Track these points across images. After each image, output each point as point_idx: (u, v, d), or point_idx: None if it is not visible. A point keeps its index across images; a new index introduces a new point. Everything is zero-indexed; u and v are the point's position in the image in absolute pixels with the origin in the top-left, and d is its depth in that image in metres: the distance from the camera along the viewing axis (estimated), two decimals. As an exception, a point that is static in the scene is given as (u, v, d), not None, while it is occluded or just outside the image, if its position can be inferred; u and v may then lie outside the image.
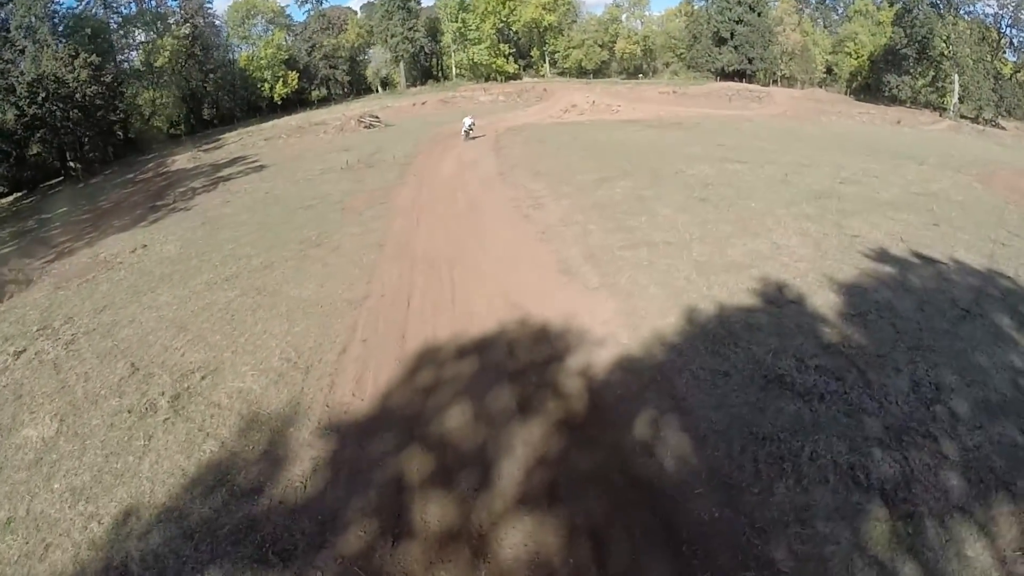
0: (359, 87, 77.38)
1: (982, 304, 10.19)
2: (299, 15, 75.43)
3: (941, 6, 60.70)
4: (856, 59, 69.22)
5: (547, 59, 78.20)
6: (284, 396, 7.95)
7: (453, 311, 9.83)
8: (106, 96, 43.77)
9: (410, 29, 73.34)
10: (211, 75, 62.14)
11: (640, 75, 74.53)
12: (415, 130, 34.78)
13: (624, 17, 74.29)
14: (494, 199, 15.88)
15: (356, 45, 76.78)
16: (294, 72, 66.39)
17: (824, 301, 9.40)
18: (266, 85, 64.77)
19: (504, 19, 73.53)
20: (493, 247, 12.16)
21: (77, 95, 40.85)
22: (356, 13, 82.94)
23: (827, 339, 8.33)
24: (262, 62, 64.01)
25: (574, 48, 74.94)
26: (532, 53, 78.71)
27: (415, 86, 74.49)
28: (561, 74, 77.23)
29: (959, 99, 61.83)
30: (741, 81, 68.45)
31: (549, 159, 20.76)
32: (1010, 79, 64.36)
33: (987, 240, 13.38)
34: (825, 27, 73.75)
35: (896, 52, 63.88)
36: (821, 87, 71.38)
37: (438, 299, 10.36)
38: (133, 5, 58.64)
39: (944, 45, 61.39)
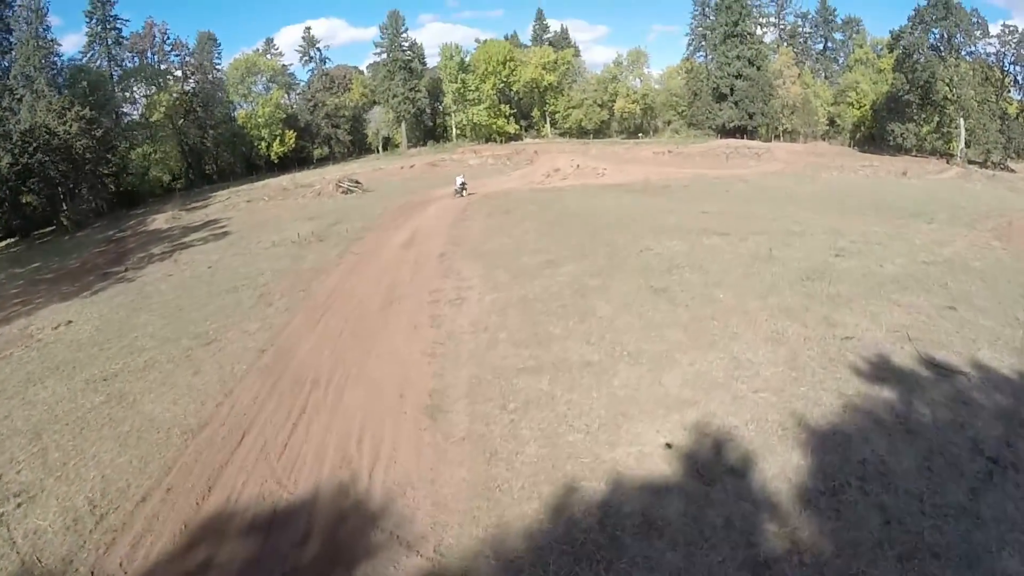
0: (361, 147, 77.88)
1: (1016, 445, 7.40)
2: (303, 74, 77.18)
3: (942, 49, 59.13)
4: (858, 109, 67.58)
5: (548, 119, 78.03)
6: (64, 549, 6.80)
7: (279, 459, 7.52)
8: (97, 149, 43.66)
9: (411, 90, 73.97)
10: (211, 131, 62.63)
11: (640, 134, 73.35)
12: (391, 196, 33.29)
13: (623, 75, 73.84)
14: (417, 289, 13.60)
15: (360, 104, 77.70)
16: (292, 131, 66.64)
17: (781, 468, 6.66)
18: (263, 143, 65.02)
19: (504, 79, 73.94)
20: (375, 364, 9.78)
21: (68, 147, 40.82)
22: (362, 72, 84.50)
23: (769, 548, 5.57)
24: (260, 120, 64.42)
25: (574, 108, 74.64)
26: (533, 113, 78.73)
27: (416, 146, 74.61)
28: (562, 134, 76.82)
29: (966, 143, 59.45)
30: (743, 137, 67.04)
31: (503, 235, 18.58)
32: (1016, 119, 61.90)
33: (1016, 325, 10.58)
34: (826, 78, 72.64)
35: (898, 99, 62.04)
36: (824, 140, 69.57)
37: (272, 438, 8.09)
38: (137, 58, 60.23)
39: (947, 88, 59.49)
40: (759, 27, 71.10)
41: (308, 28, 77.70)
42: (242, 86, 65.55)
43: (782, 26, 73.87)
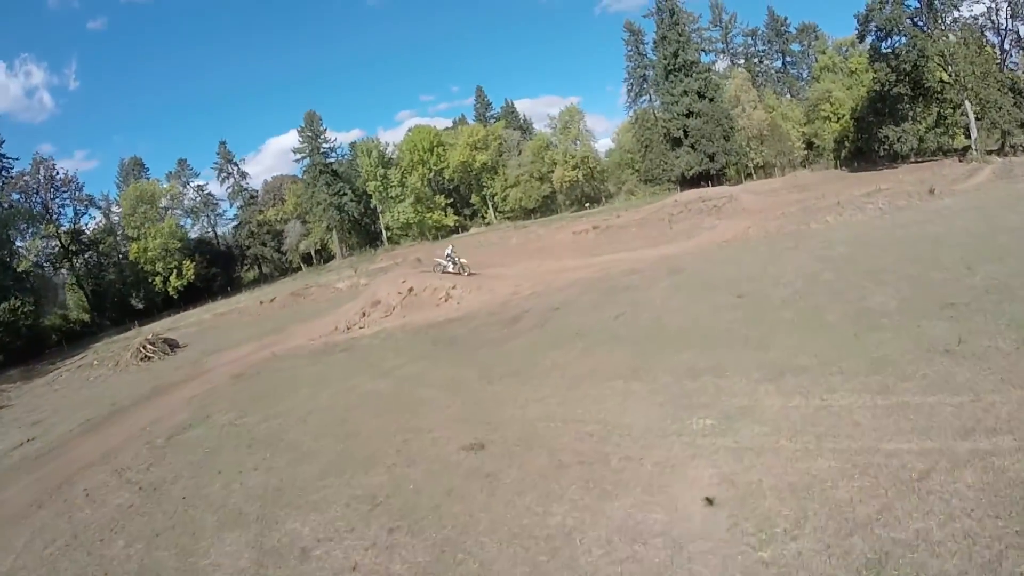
0: (295, 263, 67.80)
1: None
2: (221, 191, 67.94)
3: (923, 21, 46.99)
4: (837, 122, 55.27)
5: (490, 203, 67.23)
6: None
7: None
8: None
9: (336, 194, 64.31)
10: (103, 272, 55.95)
11: (588, 204, 61.56)
12: (183, 364, 21.63)
13: (557, 140, 63.10)
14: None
15: (291, 218, 68.00)
16: (190, 261, 56.38)
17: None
18: (158, 278, 54.87)
19: (433, 167, 64.00)
20: None
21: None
22: (298, 180, 74.58)
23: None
24: (152, 254, 54.59)
25: (511, 187, 64.04)
26: (473, 200, 68.21)
27: (355, 254, 64.01)
28: (509, 217, 65.74)
29: (976, 131, 46.10)
30: (708, 184, 54.79)
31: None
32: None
33: None
34: (793, 97, 61.05)
35: (885, 96, 49.66)
36: (805, 167, 56.90)
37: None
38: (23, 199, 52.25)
39: (942, 69, 46.91)
40: (703, 54, 60.32)
41: (223, 142, 68.85)
42: (134, 217, 55.99)
43: (732, 50, 63.39)
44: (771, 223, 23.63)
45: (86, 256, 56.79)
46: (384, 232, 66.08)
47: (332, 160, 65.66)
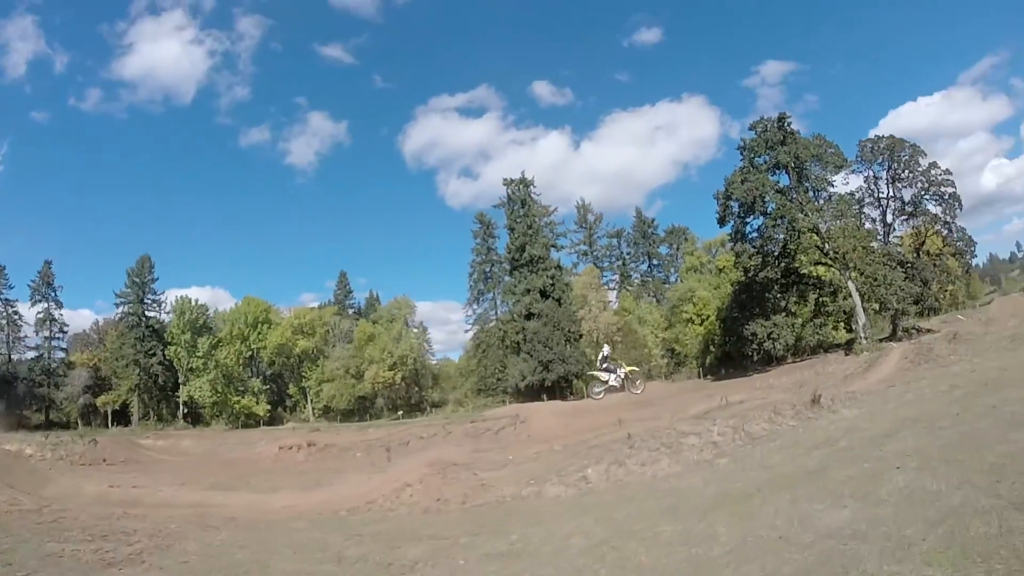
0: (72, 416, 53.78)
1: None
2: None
3: (793, 193, 35.05)
4: (701, 324, 39.85)
5: (309, 396, 53.85)
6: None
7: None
8: None
9: (146, 353, 53.90)
10: None
11: (400, 413, 47.58)
12: None
13: (380, 336, 52.01)
14: None
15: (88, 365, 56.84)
16: None
17: None
18: None
19: (252, 345, 54.26)
20: None
21: None
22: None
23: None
24: None
25: (325, 382, 51.62)
26: (291, 390, 55.42)
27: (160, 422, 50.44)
28: (324, 415, 51.36)
29: (863, 311, 30.09)
30: (553, 397, 39.97)
31: None
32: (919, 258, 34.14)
33: None
34: (657, 302, 47.24)
35: (751, 286, 35.28)
36: (667, 377, 39.52)
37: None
38: None
39: (818, 247, 33.15)
40: (557, 252, 50.64)
41: (48, 262, 58.56)
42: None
43: (595, 252, 54.40)
44: (454, 484, 11.19)
45: None
46: (181, 406, 53.08)
47: (152, 315, 57.17)
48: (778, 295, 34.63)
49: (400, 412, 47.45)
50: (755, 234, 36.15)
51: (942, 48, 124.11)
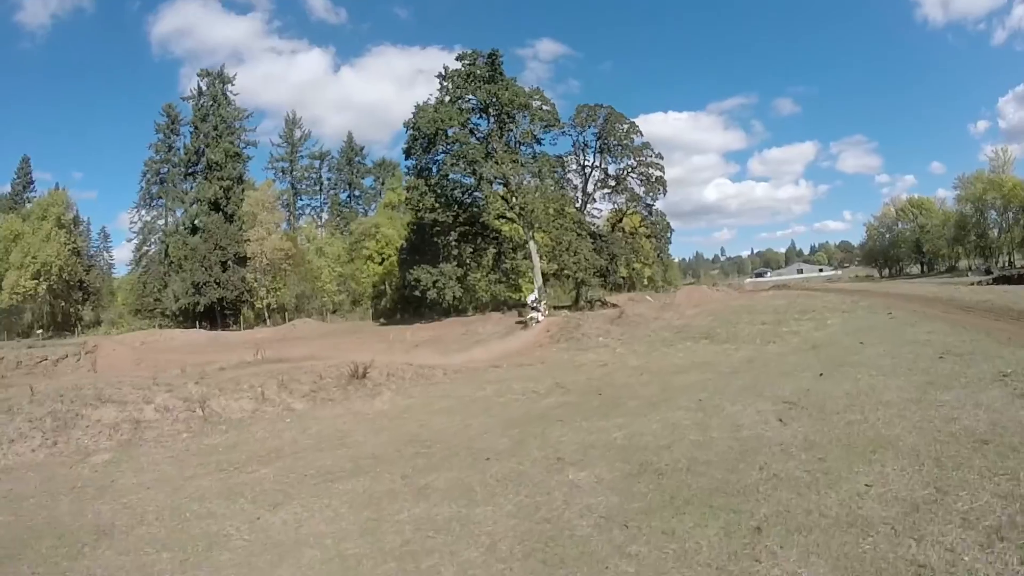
0: None
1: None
2: None
3: (494, 145, 33.02)
4: (381, 263, 37.16)
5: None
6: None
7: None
8: None
9: None
10: None
11: (39, 332, 37.94)
12: None
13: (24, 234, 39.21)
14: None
15: None
16: None
17: None
18: None
19: None
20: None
21: None
22: None
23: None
24: None
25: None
26: None
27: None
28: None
29: (543, 279, 31.31)
30: (213, 326, 34.79)
31: None
32: (614, 232, 36.93)
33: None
34: (343, 235, 43.76)
35: (423, 228, 32.95)
36: (337, 314, 36.34)
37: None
38: None
39: (504, 199, 33.01)
40: (240, 160, 40.39)
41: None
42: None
43: (294, 172, 46.34)
44: None
45: None
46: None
47: None
48: (454, 243, 33.20)
49: (40, 332, 38.05)
50: (433, 166, 33.34)
51: (704, 76, 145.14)
